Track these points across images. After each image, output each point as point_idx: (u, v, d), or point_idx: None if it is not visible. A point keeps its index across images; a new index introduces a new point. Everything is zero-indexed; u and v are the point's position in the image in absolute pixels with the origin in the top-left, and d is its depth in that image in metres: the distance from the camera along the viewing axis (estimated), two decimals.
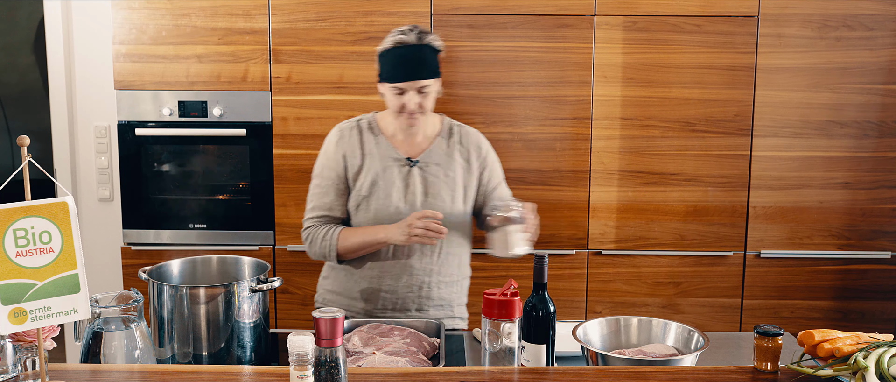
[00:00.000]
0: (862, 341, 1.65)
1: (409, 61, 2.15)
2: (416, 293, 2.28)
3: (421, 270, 2.27)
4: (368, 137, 2.29)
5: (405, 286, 2.27)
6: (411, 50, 2.15)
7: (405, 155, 2.27)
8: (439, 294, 2.31)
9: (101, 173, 3.45)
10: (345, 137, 2.30)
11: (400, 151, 2.28)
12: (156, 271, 1.98)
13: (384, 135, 2.30)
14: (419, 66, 2.15)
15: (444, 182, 2.27)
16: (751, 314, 3.27)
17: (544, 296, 1.73)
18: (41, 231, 1.44)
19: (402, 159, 2.27)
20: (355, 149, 2.28)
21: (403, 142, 2.29)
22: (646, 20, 3.09)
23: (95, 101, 3.41)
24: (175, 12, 3.10)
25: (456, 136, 2.33)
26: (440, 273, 2.29)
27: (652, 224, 3.21)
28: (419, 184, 2.25)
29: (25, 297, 1.43)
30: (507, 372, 1.68)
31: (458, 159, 2.30)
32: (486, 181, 2.34)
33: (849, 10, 3.08)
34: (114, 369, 1.68)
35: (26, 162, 1.45)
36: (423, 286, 2.28)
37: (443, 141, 2.31)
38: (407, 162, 2.27)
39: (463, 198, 2.30)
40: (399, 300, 2.28)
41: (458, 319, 2.37)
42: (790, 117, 3.14)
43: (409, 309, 2.28)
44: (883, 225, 3.22)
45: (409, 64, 2.15)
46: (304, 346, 1.47)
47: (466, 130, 2.36)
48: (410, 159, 2.27)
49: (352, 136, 2.29)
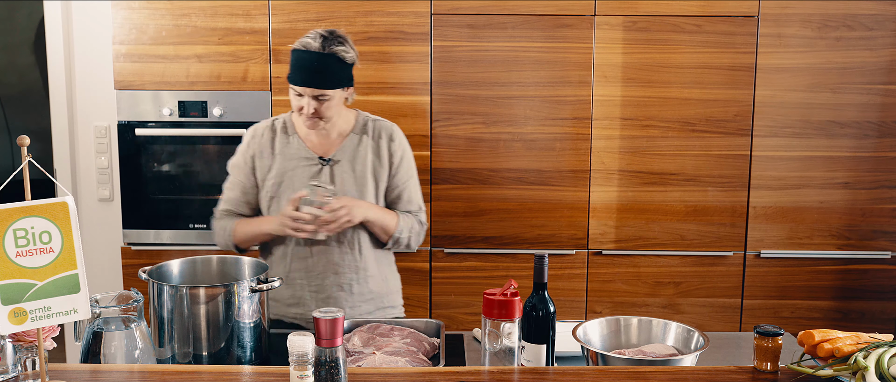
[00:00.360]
0: (862, 341, 1.64)
1: (307, 69, 2.15)
2: (347, 290, 2.30)
3: (345, 267, 2.29)
4: (281, 137, 2.32)
5: (332, 285, 2.29)
6: (311, 57, 2.14)
7: (317, 154, 2.29)
8: (368, 289, 2.33)
9: (101, 173, 3.45)
10: (256, 137, 2.34)
11: (312, 150, 2.29)
12: (156, 271, 1.98)
13: (298, 135, 2.31)
14: (316, 75, 2.15)
15: (354, 178, 2.28)
16: (751, 314, 3.27)
17: (544, 296, 1.73)
18: (41, 231, 1.44)
19: (314, 158, 2.28)
20: (265, 149, 2.31)
21: (317, 142, 2.30)
22: (646, 20, 3.09)
23: (95, 101, 3.41)
24: (175, 12, 3.10)
25: (369, 131, 2.32)
26: (365, 268, 2.31)
27: (652, 224, 3.21)
28: (327, 182, 2.27)
29: (25, 297, 1.43)
30: (507, 372, 1.68)
31: (369, 154, 2.30)
32: (395, 174, 2.33)
33: (849, 10, 3.08)
34: (114, 369, 1.68)
35: (26, 162, 1.45)
36: (353, 282, 2.30)
37: (355, 137, 2.31)
38: (318, 161, 2.28)
39: (375, 192, 2.30)
40: (330, 298, 2.30)
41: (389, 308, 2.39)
42: (790, 117, 3.14)
43: (342, 307, 2.30)
44: (883, 225, 3.22)
45: (306, 71, 2.15)
46: (304, 346, 1.47)
47: (381, 124, 2.35)
48: (322, 158, 2.28)
49: (264, 136, 2.33)
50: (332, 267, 2.28)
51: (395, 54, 3.11)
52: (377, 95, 3.11)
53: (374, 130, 2.33)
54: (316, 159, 2.28)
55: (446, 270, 3.23)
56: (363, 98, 3.12)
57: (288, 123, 2.34)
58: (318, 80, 2.15)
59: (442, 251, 3.22)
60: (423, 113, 3.14)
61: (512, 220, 3.20)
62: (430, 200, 3.17)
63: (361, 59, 3.10)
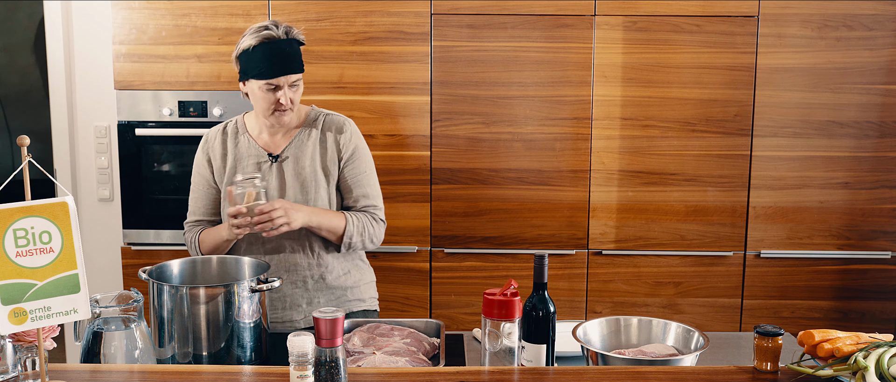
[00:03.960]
0: (862, 341, 1.65)
1: (279, 56, 2.14)
2: (303, 287, 2.30)
3: (300, 265, 2.28)
4: (232, 139, 2.32)
5: (291, 284, 2.29)
6: (280, 44, 2.14)
7: (267, 152, 2.28)
8: (325, 284, 2.32)
9: (101, 173, 3.45)
10: (209, 141, 2.35)
11: (264, 148, 2.29)
12: (156, 271, 1.98)
13: (249, 134, 2.31)
14: (289, 60, 2.16)
15: (301, 174, 2.27)
16: (751, 314, 3.27)
17: (544, 296, 1.73)
18: (41, 231, 1.44)
19: (264, 155, 2.28)
20: (217, 152, 2.32)
21: (268, 140, 2.30)
22: (646, 20, 3.09)
23: (95, 101, 3.41)
24: (175, 12, 3.10)
25: (319, 124, 2.32)
26: (321, 264, 2.30)
27: (652, 224, 3.21)
28: (276, 179, 2.26)
29: (25, 297, 1.43)
30: (507, 372, 1.68)
31: (317, 148, 2.29)
32: (344, 167, 2.31)
33: (849, 10, 3.08)
34: (114, 369, 1.68)
35: (26, 162, 1.45)
36: (309, 279, 2.30)
37: (304, 132, 2.30)
38: (268, 158, 2.28)
39: (326, 187, 2.29)
40: (287, 297, 2.30)
41: (354, 301, 2.38)
42: (790, 117, 3.14)
43: (301, 305, 2.30)
44: (883, 225, 3.22)
45: (279, 59, 2.14)
46: (304, 346, 1.47)
47: (332, 118, 2.34)
48: (271, 155, 2.28)
49: (216, 140, 2.34)
50: (284, 264, 2.28)
51: (395, 54, 3.11)
52: (377, 95, 3.11)
53: (324, 124, 2.32)
54: (266, 156, 2.28)
55: (446, 270, 3.23)
56: (363, 98, 3.12)
57: (239, 124, 2.35)
58: (294, 65, 2.17)
59: (442, 251, 3.22)
60: (423, 113, 3.14)
61: (512, 220, 3.20)
62: (431, 200, 3.18)
63: (361, 59, 3.11)
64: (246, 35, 2.17)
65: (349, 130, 2.33)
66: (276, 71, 2.15)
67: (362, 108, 3.10)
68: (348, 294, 2.37)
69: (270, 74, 2.15)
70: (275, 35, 2.14)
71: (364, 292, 2.41)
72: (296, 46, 2.18)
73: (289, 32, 2.17)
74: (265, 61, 2.14)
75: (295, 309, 2.31)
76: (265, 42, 2.14)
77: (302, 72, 2.20)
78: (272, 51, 2.14)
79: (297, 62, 2.18)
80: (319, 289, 2.32)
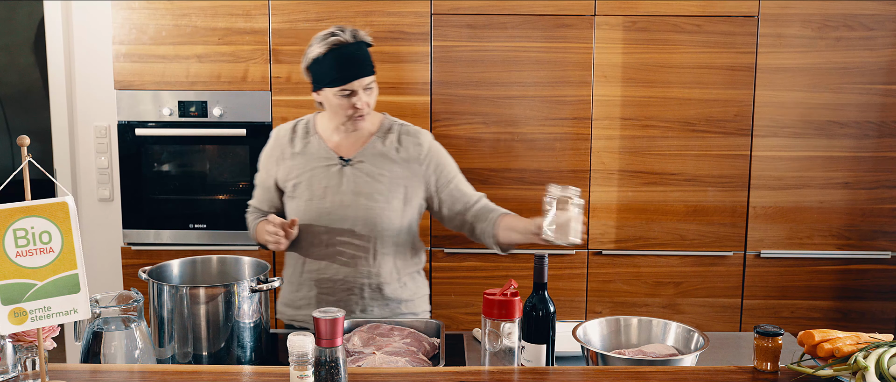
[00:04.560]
0: (862, 341, 1.65)
1: (353, 61, 2.11)
2: (359, 294, 2.27)
3: (358, 273, 2.25)
4: (301, 138, 2.29)
5: (344, 288, 2.26)
6: (349, 48, 2.11)
7: (338, 155, 2.25)
8: (383, 293, 2.29)
9: (101, 173, 3.45)
10: (279, 138, 2.33)
11: (333, 151, 2.26)
12: (156, 271, 1.99)
13: (319, 135, 2.28)
14: (360, 63, 2.13)
15: (378, 181, 2.23)
16: (751, 314, 3.27)
17: (544, 296, 1.73)
18: (41, 231, 1.44)
19: (334, 158, 2.25)
20: (286, 150, 2.30)
21: (339, 142, 2.27)
22: (646, 20, 3.09)
23: (95, 101, 3.41)
24: (175, 12, 3.10)
25: (394, 134, 2.28)
26: (379, 274, 2.26)
27: (652, 224, 3.21)
28: (350, 184, 2.23)
29: (25, 297, 1.43)
30: (507, 372, 1.68)
31: (394, 158, 2.25)
32: (435, 179, 2.28)
33: (849, 10, 3.08)
34: (114, 369, 1.68)
35: (26, 162, 1.45)
36: (365, 287, 2.26)
37: (378, 139, 2.26)
38: (339, 161, 2.24)
39: (403, 198, 2.25)
40: (340, 301, 2.27)
41: (409, 315, 2.35)
42: (790, 117, 3.14)
43: (354, 312, 2.28)
44: (883, 225, 3.22)
45: (353, 64, 2.11)
46: (304, 346, 1.47)
47: (407, 129, 2.30)
48: (343, 158, 2.25)
49: (285, 137, 2.31)
50: (343, 271, 2.25)
51: (395, 54, 3.11)
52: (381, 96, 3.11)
53: (399, 134, 2.28)
54: (336, 159, 2.25)
55: (446, 270, 3.23)
56: None
57: (310, 124, 2.31)
58: (366, 68, 2.13)
59: (442, 250, 3.22)
60: (423, 113, 3.14)
61: None
62: None
63: None
64: (313, 44, 2.14)
65: (426, 142, 2.28)
66: (349, 76, 2.11)
67: None
68: (403, 308, 2.33)
69: (344, 80, 2.11)
70: (343, 40, 2.10)
71: (418, 305, 2.37)
72: (365, 48, 2.14)
73: (356, 35, 2.13)
74: (336, 68, 2.10)
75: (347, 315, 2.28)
76: (334, 48, 2.10)
77: (374, 74, 2.16)
78: (342, 56, 2.10)
79: (368, 64, 2.14)
80: (375, 299, 2.28)
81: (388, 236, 2.25)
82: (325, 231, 2.22)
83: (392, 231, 2.25)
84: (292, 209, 2.27)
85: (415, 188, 2.27)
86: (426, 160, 2.27)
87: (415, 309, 2.36)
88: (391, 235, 2.25)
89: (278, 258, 3.24)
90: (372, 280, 2.26)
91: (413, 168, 2.26)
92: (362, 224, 2.21)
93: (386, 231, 2.24)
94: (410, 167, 2.25)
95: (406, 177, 2.25)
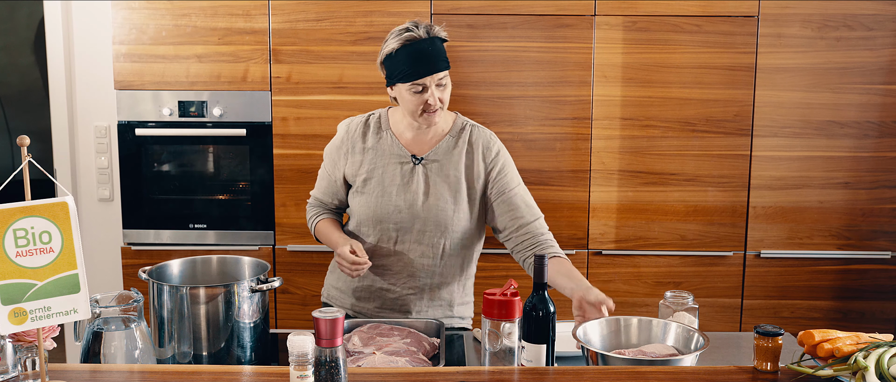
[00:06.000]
0: (862, 341, 1.65)
1: (425, 56, 2.10)
2: (418, 293, 2.27)
3: (422, 271, 2.25)
4: (374, 133, 2.27)
5: (405, 286, 2.26)
6: (423, 44, 2.10)
7: (411, 153, 2.24)
8: (440, 294, 2.29)
9: (101, 173, 3.45)
10: (349, 132, 2.29)
11: (406, 148, 2.24)
12: (156, 271, 1.99)
13: (392, 131, 2.27)
14: (434, 59, 2.11)
15: (448, 182, 2.22)
16: (751, 314, 3.27)
17: (544, 296, 1.73)
18: (41, 231, 1.44)
19: (407, 156, 2.23)
20: (357, 144, 2.27)
21: (411, 140, 2.25)
22: (646, 20, 3.09)
23: (95, 101, 3.41)
24: (175, 12, 3.10)
25: (466, 135, 2.26)
26: (442, 275, 2.27)
27: (652, 224, 3.21)
28: (421, 183, 2.22)
29: (25, 297, 1.43)
30: (506, 372, 1.68)
31: (464, 159, 2.24)
32: (497, 183, 2.25)
33: (849, 10, 3.08)
34: (114, 369, 1.68)
35: (26, 162, 1.45)
36: (426, 288, 2.27)
37: (451, 139, 2.25)
38: (411, 160, 2.23)
39: (468, 198, 2.25)
40: (399, 298, 2.27)
41: (457, 318, 2.35)
42: (790, 117, 3.14)
43: (410, 309, 2.27)
44: (883, 225, 3.22)
45: (425, 59, 2.10)
46: (304, 346, 1.47)
47: (479, 130, 2.29)
48: (415, 157, 2.23)
49: (357, 131, 2.28)
50: (408, 269, 2.25)
51: None
52: (377, 95, 3.11)
53: (471, 135, 2.27)
54: (408, 157, 2.23)
55: None
56: (363, 98, 3.12)
57: (383, 119, 2.29)
58: (440, 63, 2.12)
59: None
60: None
61: None
62: None
63: (361, 59, 3.11)
64: (389, 39, 2.13)
65: (495, 146, 2.27)
66: (422, 72, 2.10)
67: (362, 108, 3.10)
68: (453, 312, 2.33)
69: (416, 76, 2.10)
70: (417, 35, 2.10)
71: (465, 311, 2.37)
72: (439, 44, 2.13)
73: (430, 31, 2.12)
74: (410, 63, 2.10)
75: (403, 314, 2.28)
76: (408, 44, 2.10)
77: (448, 69, 2.14)
78: (416, 51, 2.10)
79: (441, 60, 2.13)
80: (432, 299, 2.28)
81: (455, 238, 2.24)
82: (395, 229, 2.22)
83: (459, 233, 2.24)
84: (360, 204, 2.25)
85: (477, 190, 2.26)
86: (492, 164, 2.26)
87: (463, 314, 2.36)
88: (458, 236, 2.25)
89: (278, 258, 3.24)
90: (434, 281, 2.26)
91: (478, 169, 2.25)
92: (432, 225, 2.21)
93: (454, 233, 2.23)
94: (476, 168, 2.25)
95: (472, 177, 2.25)
